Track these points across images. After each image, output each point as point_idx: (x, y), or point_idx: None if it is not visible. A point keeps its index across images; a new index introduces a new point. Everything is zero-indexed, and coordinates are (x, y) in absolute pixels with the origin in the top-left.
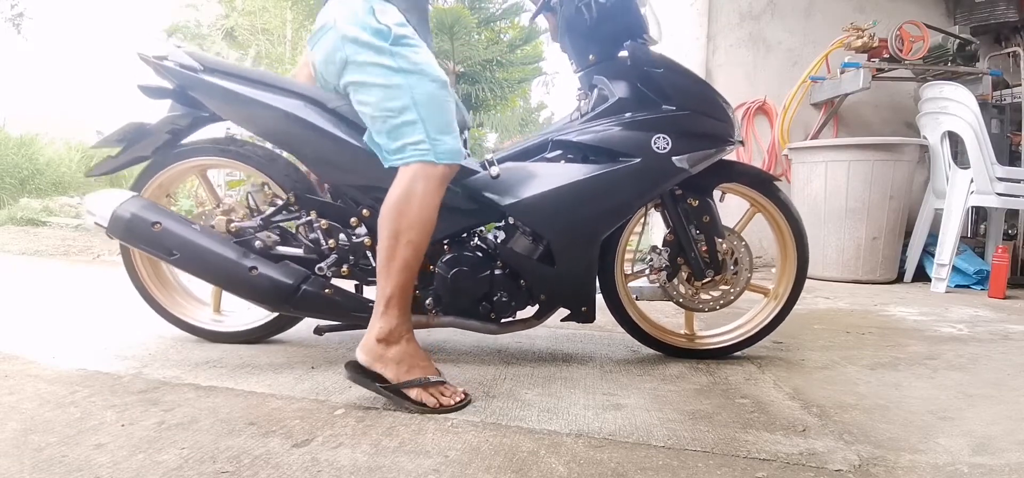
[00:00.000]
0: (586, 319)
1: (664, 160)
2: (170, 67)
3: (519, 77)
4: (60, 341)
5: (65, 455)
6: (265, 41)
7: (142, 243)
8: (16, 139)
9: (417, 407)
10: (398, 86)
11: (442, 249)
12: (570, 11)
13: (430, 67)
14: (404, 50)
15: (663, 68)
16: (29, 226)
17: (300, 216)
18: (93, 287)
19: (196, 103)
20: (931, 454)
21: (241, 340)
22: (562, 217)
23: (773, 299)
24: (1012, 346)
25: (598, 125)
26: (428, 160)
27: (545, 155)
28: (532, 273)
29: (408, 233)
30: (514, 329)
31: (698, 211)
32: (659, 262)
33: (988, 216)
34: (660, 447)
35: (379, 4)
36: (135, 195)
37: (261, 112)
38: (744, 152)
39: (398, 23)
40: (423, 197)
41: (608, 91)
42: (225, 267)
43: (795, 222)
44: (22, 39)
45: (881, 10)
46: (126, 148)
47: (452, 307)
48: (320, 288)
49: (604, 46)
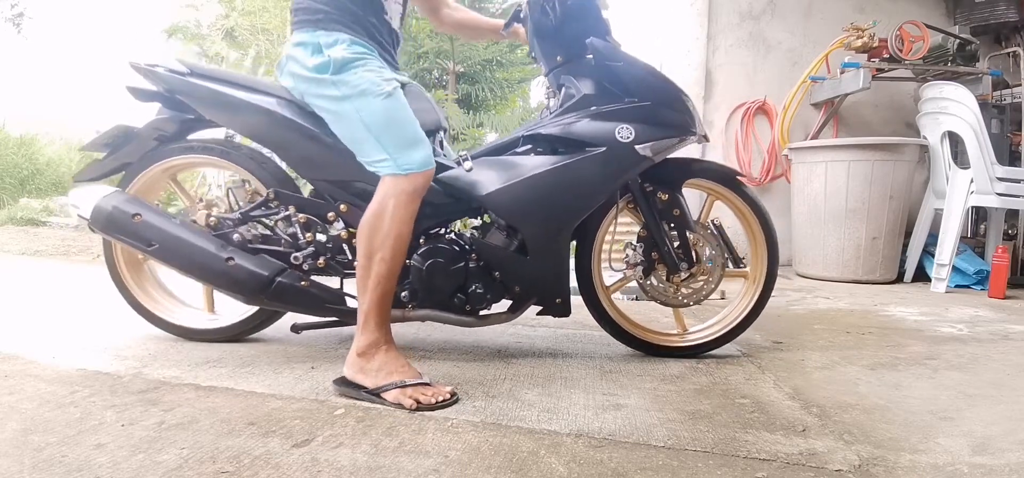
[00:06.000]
0: (560, 312)
1: (628, 148)
2: (158, 72)
3: (519, 77)
4: (60, 341)
5: (65, 455)
6: (265, 41)
7: (122, 235)
8: (16, 139)
9: (395, 408)
10: (345, 113)
11: (418, 243)
12: (536, 14)
13: (373, 83)
14: (346, 76)
15: (624, 63)
16: (29, 226)
17: (279, 212)
18: (93, 287)
19: (183, 106)
20: (931, 454)
21: (220, 338)
22: (533, 205)
23: (751, 284)
24: (1012, 346)
25: (566, 119)
26: (395, 173)
27: (516, 150)
28: (506, 265)
29: (380, 251)
30: (490, 322)
31: (668, 206)
32: (634, 258)
33: (988, 216)
34: (660, 447)
35: (326, 38)
36: (117, 190)
37: (244, 111)
38: (744, 152)
39: (344, 50)
40: (394, 212)
41: (574, 88)
42: (202, 258)
43: (758, 208)
44: (22, 39)
45: (881, 10)
46: (112, 153)
47: (428, 300)
48: (295, 280)
49: (569, 47)
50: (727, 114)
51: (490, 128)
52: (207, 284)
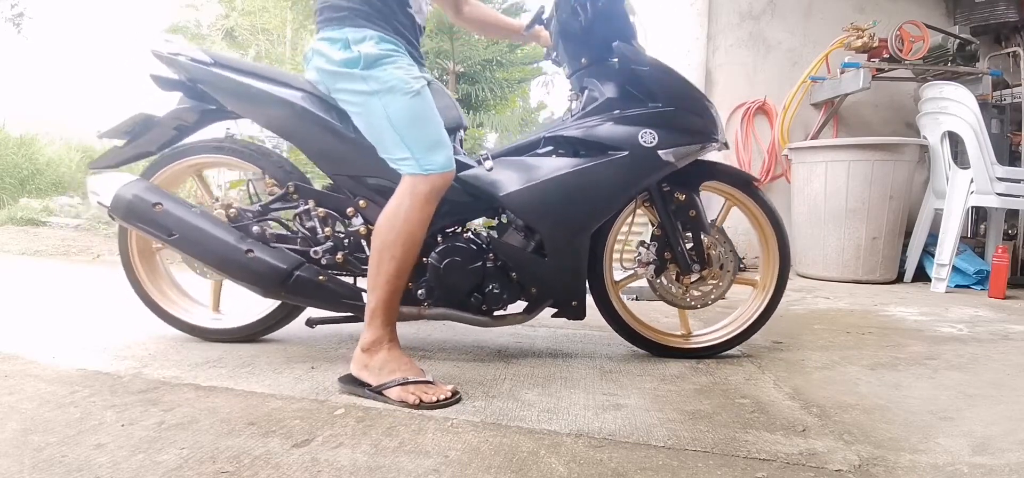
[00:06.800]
0: (576, 315)
1: (651, 153)
2: (181, 61)
3: (519, 77)
4: (60, 341)
5: (65, 455)
6: (265, 41)
7: (142, 223)
8: (16, 139)
9: (398, 405)
10: (372, 108)
11: (436, 241)
12: (565, 15)
13: (402, 81)
14: (376, 71)
15: (650, 68)
16: (29, 226)
17: (298, 205)
18: (93, 287)
19: (204, 96)
20: (931, 454)
21: (236, 338)
22: (553, 207)
23: (761, 290)
24: (1012, 346)
25: (589, 121)
26: (415, 173)
27: (537, 151)
28: (523, 265)
29: (392, 248)
30: (505, 322)
31: (685, 206)
32: (646, 256)
33: (988, 216)
34: (660, 447)
35: (354, 35)
36: (138, 178)
37: (267, 103)
38: (744, 152)
39: (373, 46)
40: (409, 211)
41: (598, 91)
42: (222, 249)
43: (772, 215)
44: (22, 39)
45: (881, 10)
46: (132, 141)
47: (444, 299)
48: (314, 275)
49: (595, 49)
50: (727, 114)
51: (490, 128)
52: (226, 276)
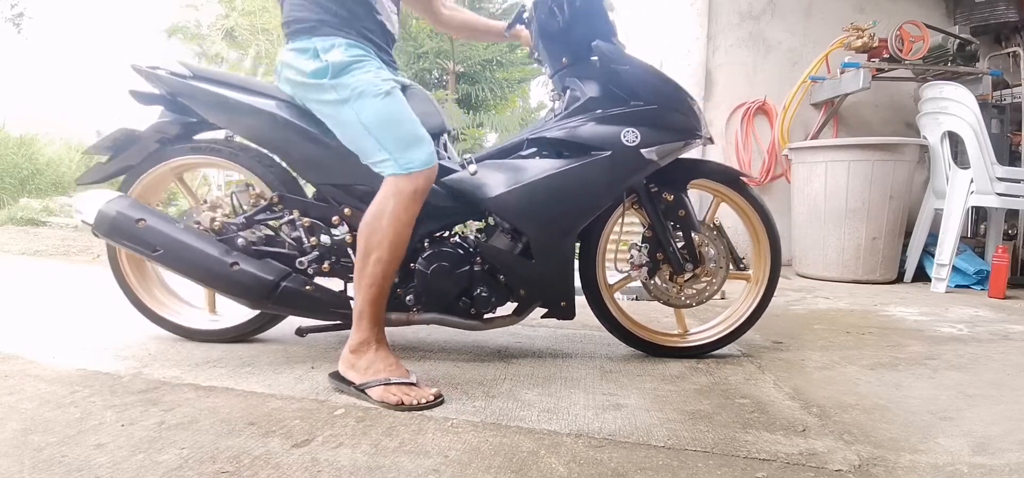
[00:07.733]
0: (565, 315)
1: (633, 152)
2: (161, 75)
3: (519, 77)
4: (60, 341)
5: (65, 455)
6: (265, 41)
7: (127, 240)
8: (16, 139)
9: (378, 404)
10: (345, 116)
11: (422, 247)
12: (543, 16)
13: (371, 84)
14: (345, 78)
15: (630, 66)
16: (29, 226)
17: (283, 216)
18: (93, 287)
19: (185, 109)
20: (931, 454)
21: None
22: (538, 209)
23: (753, 286)
24: (1012, 346)
25: (571, 122)
26: (397, 173)
27: (521, 153)
28: (510, 268)
29: (377, 251)
30: (496, 325)
31: (674, 206)
32: (638, 258)
33: (988, 216)
34: (660, 447)
35: (322, 44)
36: (121, 195)
37: (246, 114)
38: (744, 152)
39: (341, 53)
40: (394, 212)
41: (580, 91)
42: (207, 263)
43: (762, 210)
44: (22, 39)
45: (881, 10)
46: (114, 156)
47: (432, 304)
48: (300, 285)
49: (575, 49)
50: (727, 114)
51: (490, 128)
52: (212, 289)
